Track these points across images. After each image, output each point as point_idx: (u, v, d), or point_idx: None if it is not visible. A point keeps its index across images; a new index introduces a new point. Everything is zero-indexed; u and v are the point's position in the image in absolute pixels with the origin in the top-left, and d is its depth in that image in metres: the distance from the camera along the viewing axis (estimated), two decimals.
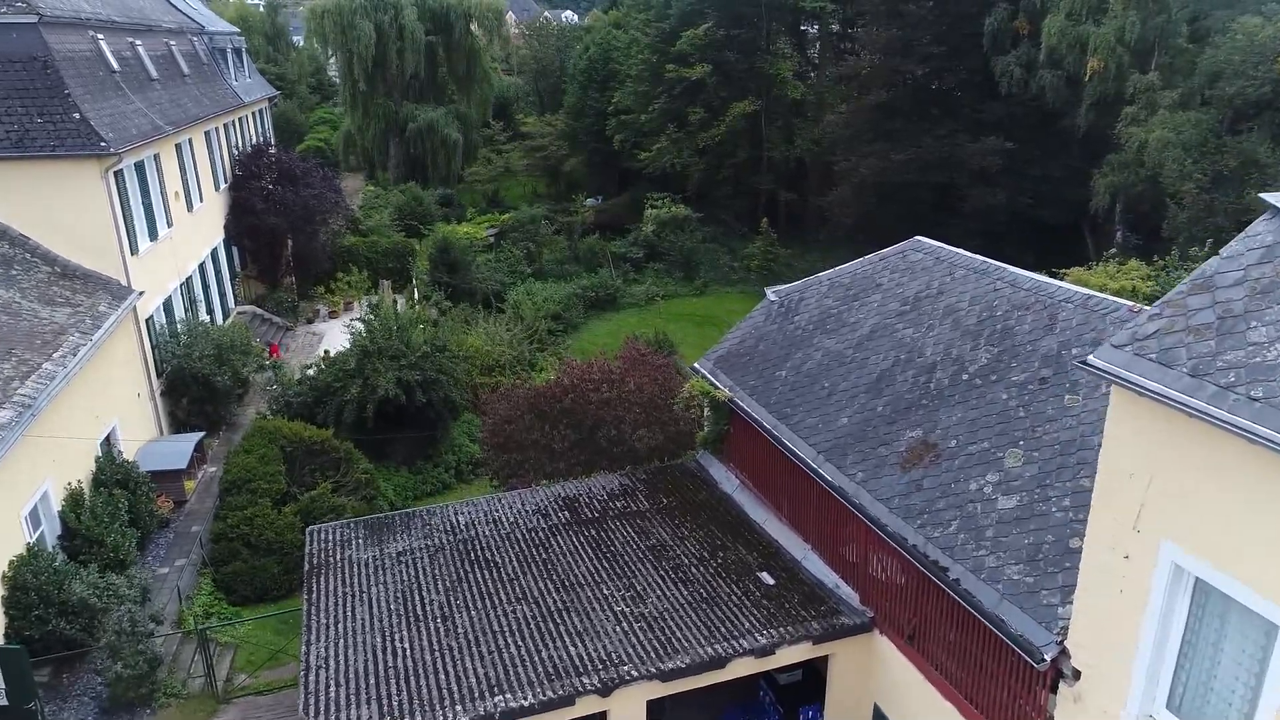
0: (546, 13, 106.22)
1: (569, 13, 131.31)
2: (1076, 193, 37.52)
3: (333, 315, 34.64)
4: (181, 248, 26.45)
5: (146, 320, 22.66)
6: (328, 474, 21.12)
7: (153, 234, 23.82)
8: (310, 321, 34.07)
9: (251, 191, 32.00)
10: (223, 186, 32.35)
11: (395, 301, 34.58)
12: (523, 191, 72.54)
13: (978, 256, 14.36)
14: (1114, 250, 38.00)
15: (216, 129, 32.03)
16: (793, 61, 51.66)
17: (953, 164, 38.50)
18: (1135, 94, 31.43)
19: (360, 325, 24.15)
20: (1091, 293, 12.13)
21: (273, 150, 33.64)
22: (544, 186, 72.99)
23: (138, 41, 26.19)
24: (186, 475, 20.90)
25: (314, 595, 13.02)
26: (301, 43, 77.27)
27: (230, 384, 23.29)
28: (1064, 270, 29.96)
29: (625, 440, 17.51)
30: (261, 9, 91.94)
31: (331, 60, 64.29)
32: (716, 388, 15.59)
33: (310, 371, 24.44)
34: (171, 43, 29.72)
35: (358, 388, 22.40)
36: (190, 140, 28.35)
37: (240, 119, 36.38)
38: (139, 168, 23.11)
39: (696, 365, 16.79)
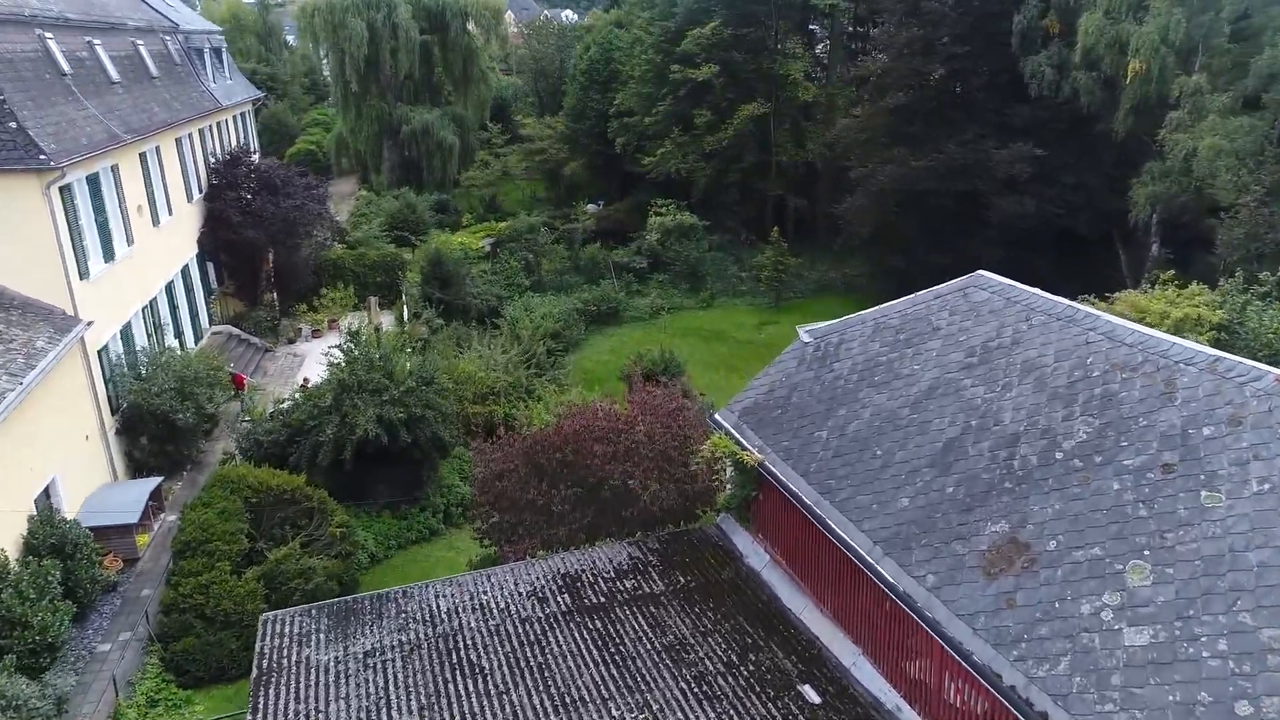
0: (546, 12, 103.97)
1: (568, 12, 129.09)
2: (1110, 202, 35.21)
3: (316, 334, 32.32)
4: (145, 267, 24.14)
5: (99, 351, 20.35)
6: (299, 526, 18.82)
7: (108, 254, 21.50)
8: (292, 341, 31.76)
9: (227, 203, 29.71)
10: (196, 197, 30.05)
11: (380, 325, 32.32)
12: (522, 196, 70.21)
13: (1060, 300, 12.01)
14: (1150, 264, 35.81)
15: (190, 135, 29.75)
16: (804, 62, 49.25)
17: (977, 171, 36.15)
18: (1182, 98, 29.08)
19: (339, 354, 21.82)
20: (1219, 354, 9.80)
21: (252, 157, 31.29)
22: (543, 191, 70.66)
23: (97, 41, 23.87)
24: (140, 528, 18.60)
25: (260, 717, 10.70)
26: (295, 42, 74.52)
27: (193, 421, 20.96)
28: (1112, 295, 27.75)
29: (635, 500, 15.19)
30: (254, 7, 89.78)
31: (324, 60, 61.70)
32: (743, 449, 13.27)
33: (285, 405, 22.11)
34: (139, 42, 27.40)
35: (334, 427, 20.08)
36: (158, 148, 26.05)
37: (219, 123, 34.10)
38: (92, 181, 20.80)
39: (719, 417, 14.48)
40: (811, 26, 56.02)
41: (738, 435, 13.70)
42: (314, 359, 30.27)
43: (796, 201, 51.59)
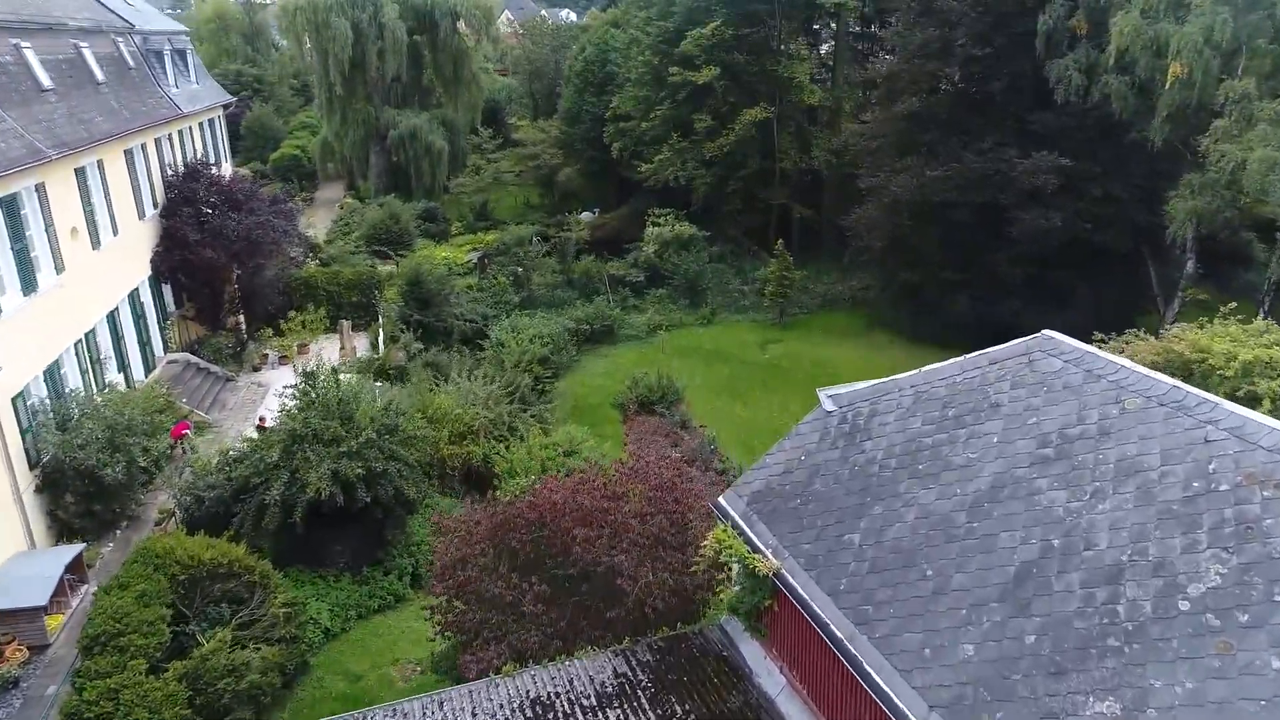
0: (544, 11, 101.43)
1: (567, 12, 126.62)
2: (1141, 216, 32.73)
3: (284, 361, 29.78)
4: (80, 296, 21.61)
5: (14, 399, 17.81)
6: (240, 601, 16.31)
7: (28, 286, 18.98)
8: (257, 369, 29.24)
9: (184, 219, 27.18)
10: (151, 214, 27.52)
11: (354, 349, 29.81)
12: (514, 203, 67.64)
13: (1161, 378, 9.43)
14: (1184, 282, 33.29)
15: (143, 146, 27.23)
16: (809, 64, 46.71)
17: (998, 182, 33.65)
18: (1227, 104, 26.56)
19: (292, 396, 19.30)
20: None
21: (213, 169, 28.75)
22: (537, 197, 68.13)
23: (25, 44, 21.31)
24: (52, 608, 16.06)
25: None
26: (285, 43, 71.80)
27: (124, 476, 18.40)
28: (1169, 326, 25.16)
29: (622, 597, 12.66)
30: (240, 6, 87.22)
31: (309, 61, 59.21)
32: (754, 550, 10.73)
33: (234, 454, 19.58)
34: (83, 44, 24.85)
35: (281, 486, 17.55)
36: (99, 162, 23.53)
37: (181, 131, 31.57)
38: (7, 204, 18.27)
39: (724, 503, 11.93)
40: (815, 27, 53.46)
41: (747, 528, 11.16)
42: (280, 388, 27.72)
43: (802, 210, 49.08)
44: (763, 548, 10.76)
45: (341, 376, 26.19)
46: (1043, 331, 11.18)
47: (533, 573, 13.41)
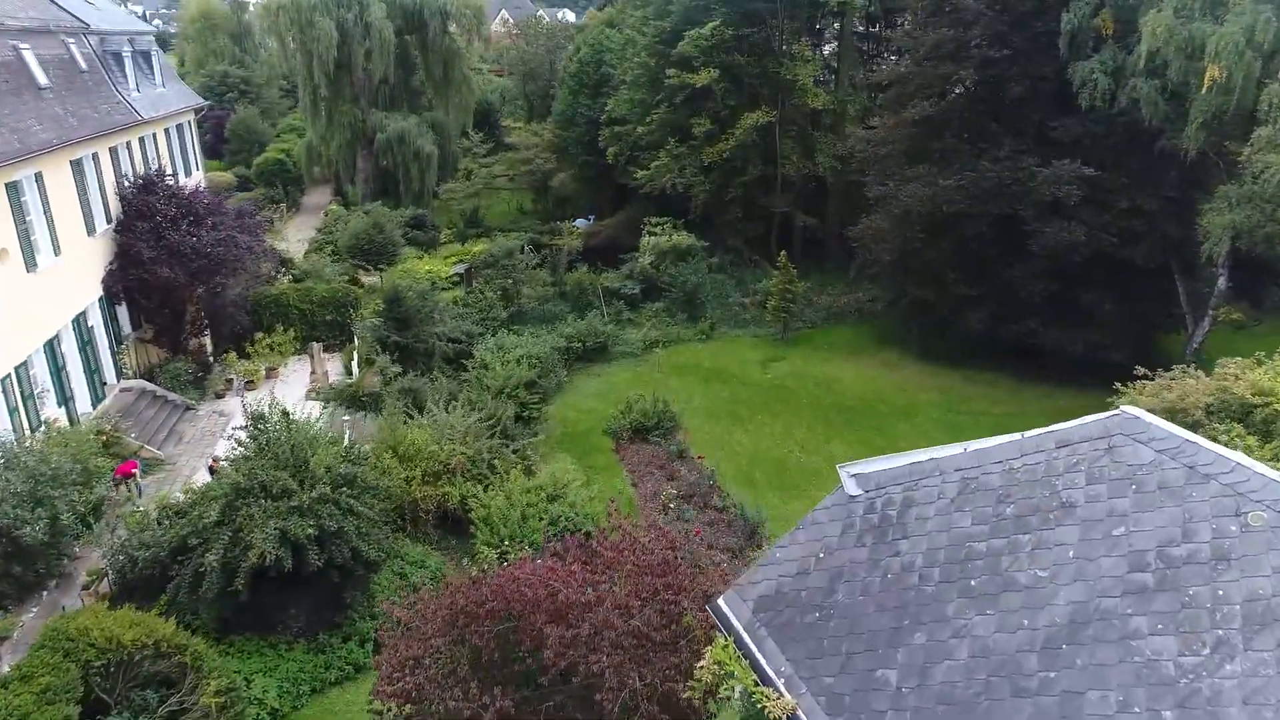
0: (541, 11, 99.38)
1: (566, 11, 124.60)
2: (1172, 229, 30.63)
3: (250, 387, 27.69)
4: (8, 327, 19.46)
5: None
6: (169, 684, 14.19)
7: None
8: (220, 396, 27.13)
9: (138, 235, 25.05)
10: (103, 229, 25.40)
11: (325, 373, 27.68)
12: (506, 209, 65.54)
13: None
14: (1215, 299, 31.17)
15: (94, 155, 25.10)
16: (814, 66, 44.58)
17: (1017, 192, 31.56)
18: (1270, 110, 24.45)
19: (237, 443, 17.18)
20: None
21: (169, 179, 26.61)
22: (530, 203, 66.03)
23: None
24: None
25: None
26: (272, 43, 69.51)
27: (47, 535, 16.28)
28: (1198, 345, 23.11)
29: (602, 712, 10.53)
30: (228, 5, 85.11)
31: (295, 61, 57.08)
32: (764, 684, 8.58)
33: (174, 505, 17.46)
34: (22, 46, 22.71)
35: (221, 548, 15.42)
36: (38, 175, 21.40)
37: (144, 138, 29.44)
38: None
39: (725, 608, 9.74)
40: (818, 27, 51.35)
41: (754, 647, 8.99)
42: (232, 427, 25.61)
43: (805, 219, 47.01)
44: (773, 676, 8.58)
45: (309, 408, 24.28)
46: (1122, 409, 8.99)
47: (498, 673, 11.29)
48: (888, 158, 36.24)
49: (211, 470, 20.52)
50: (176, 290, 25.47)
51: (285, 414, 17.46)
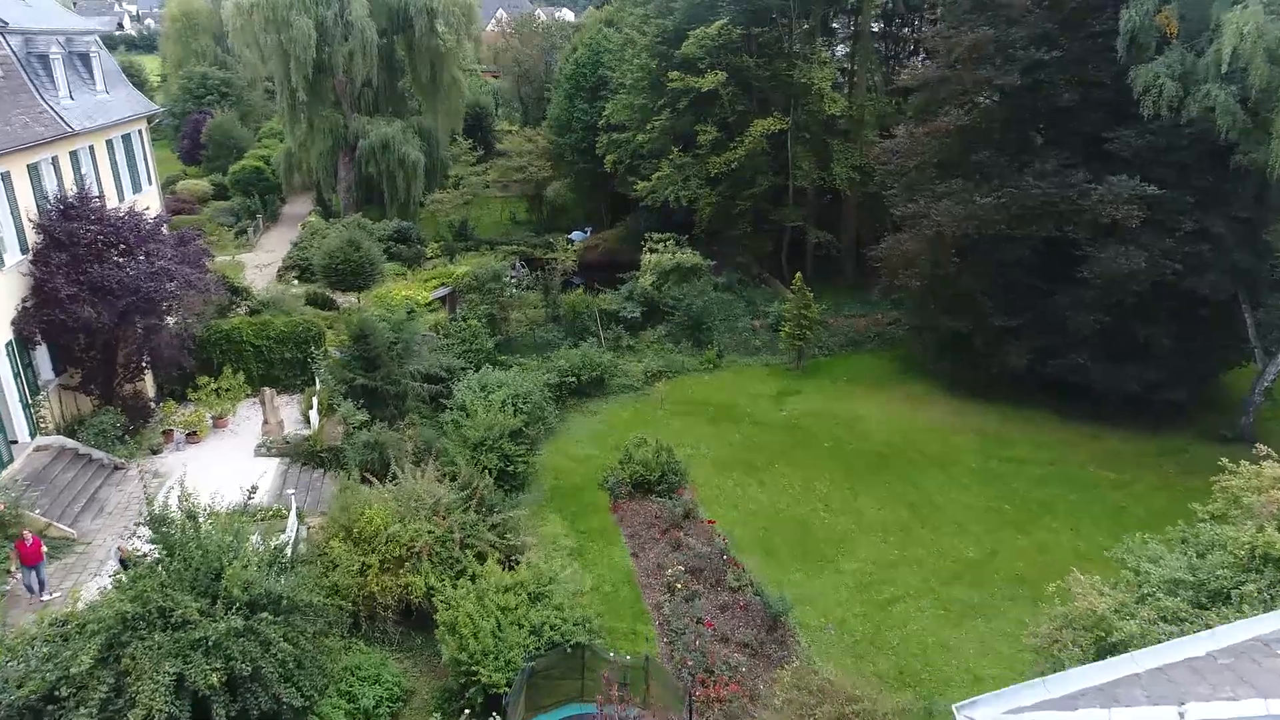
0: (539, 10, 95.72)
1: (565, 11, 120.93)
2: (1244, 256, 27.07)
3: (193, 439, 24.10)
4: None
5: None
6: None
7: None
8: (157, 451, 23.51)
9: (55, 269, 21.41)
10: (14, 261, 21.78)
11: (279, 423, 24.06)
12: (498, 219, 61.90)
13: None
14: None
15: (5, 175, 21.48)
16: (830, 68, 41.00)
17: (1066, 212, 27.96)
18: None
19: (123, 563, 13.58)
20: None
21: (95, 201, 22.96)
22: (524, 212, 62.43)
23: None
24: None
25: None
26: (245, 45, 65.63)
27: None
28: (1271, 383, 19.36)
29: None
30: (209, 5, 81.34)
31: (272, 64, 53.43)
32: None
33: (49, 626, 13.82)
34: None
35: (97, 703, 11.82)
36: None
37: (76, 153, 25.80)
38: None
39: None
40: (834, 25, 47.73)
41: None
42: (185, 479, 21.97)
43: (819, 234, 43.41)
44: None
45: (258, 470, 20.64)
46: None
47: None
48: (916, 171, 32.62)
49: (123, 561, 16.89)
50: (100, 331, 21.85)
51: (192, 516, 13.81)
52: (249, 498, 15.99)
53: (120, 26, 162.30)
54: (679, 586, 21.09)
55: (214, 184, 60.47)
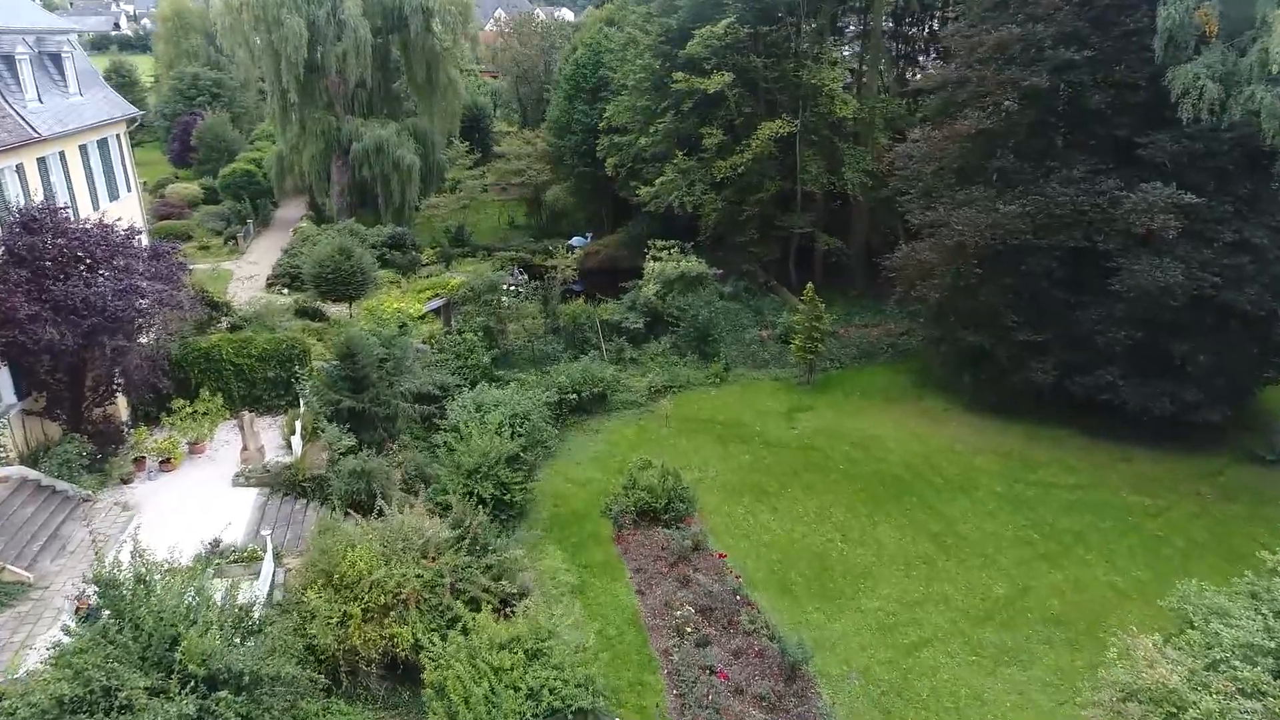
0: (538, 9, 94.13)
1: (564, 10, 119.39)
2: None
3: (167, 467, 22.50)
4: None
5: None
6: None
7: None
8: (128, 481, 21.91)
9: (14, 287, 19.81)
10: None
11: (259, 450, 22.48)
12: (496, 223, 60.31)
13: None
14: None
15: None
16: (841, 69, 39.42)
17: (1095, 221, 26.41)
18: None
19: (66, 630, 11.99)
20: None
21: (60, 213, 21.33)
22: (522, 216, 60.86)
23: None
24: None
25: None
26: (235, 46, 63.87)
27: None
28: None
29: None
30: (201, 3, 79.70)
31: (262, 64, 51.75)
32: None
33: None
34: None
35: None
36: None
37: (44, 159, 24.23)
38: None
39: None
40: (844, 25, 46.14)
41: None
42: (158, 512, 20.44)
43: (828, 241, 41.81)
44: None
45: (236, 501, 19.08)
46: None
47: None
48: (933, 176, 31.03)
49: (79, 612, 15.31)
50: (67, 353, 20.26)
51: (141, 581, 12.21)
52: (212, 551, 14.36)
53: (117, 26, 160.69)
54: (689, 630, 19.55)
55: (204, 188, 58.86)
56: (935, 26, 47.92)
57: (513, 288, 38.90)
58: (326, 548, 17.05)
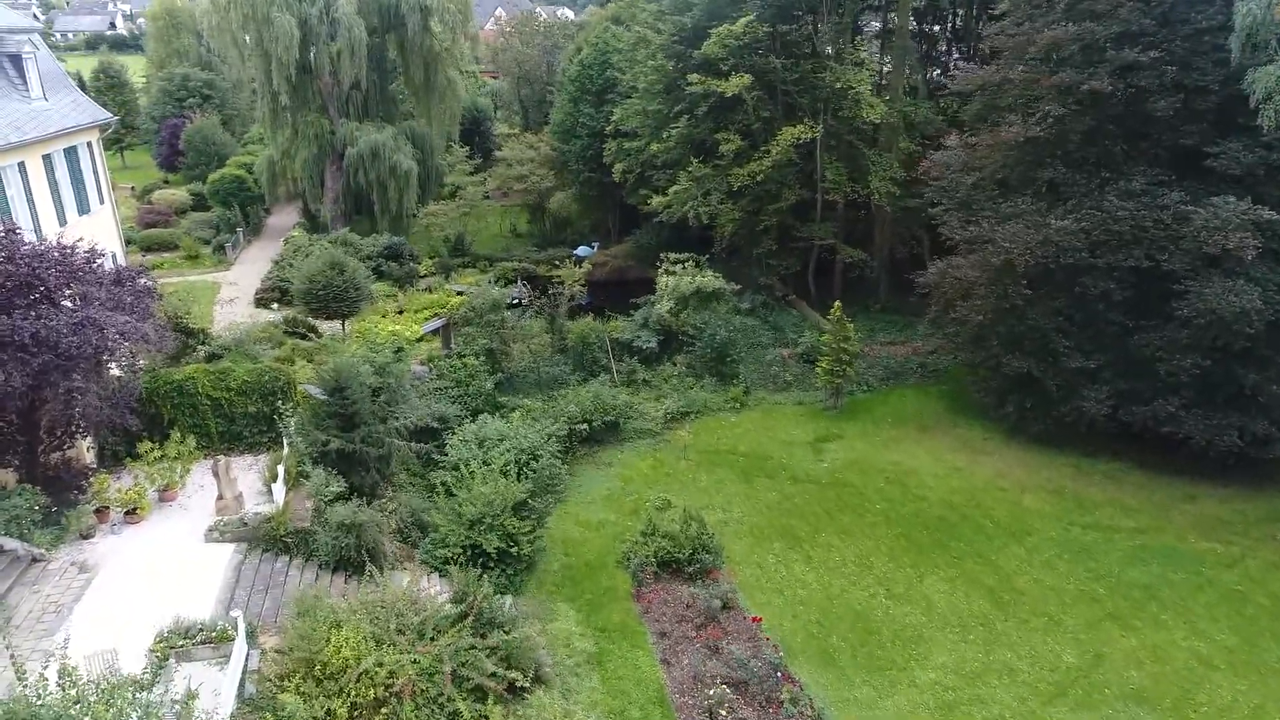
0: (539, 8, 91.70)
1: (565, 10, 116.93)
2: None
3: (132, 518, 20.05)
4: None
5: None
6: None
7: None
8: (87, 536, 19.45)
9: None
10: None
11: (236, 498, 20.07)
12: (498, 231, 57.73)
13: None
14: None
15: None
16: (868, 69, 37.02)
17: (1159, 238, 23.99)
18: None
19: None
20: None
21: (16, 233, 18.90)
22: (525, 224, 58.40)
23: None
24: None
25: None
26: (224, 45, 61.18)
27: None
28: None
29: None
30: (190, 2, 77.15)
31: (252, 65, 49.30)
32: None
33: None
34: None
35: None
36: None
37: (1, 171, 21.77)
38: None
39: None
40: (869, 23, 43.73)
41: None
42: (120, 574, 18.02)
43: (850, 252, 39.35)
44: None
45: (210, 557, 16.57)
46: None
47: None
48: (972, 188, 28.61)
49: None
50: (14, 395, 17.83)
51: (67, 672, 9.78)
52: (172, 640, 11.95)
53: (113, 26, 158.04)
54: (724, 713, 17.15)
55: (193, 194, 56.40)
56: (958, 24, 45.57)
57: (517, 299, 36.57)
58: (307, 633, 14.63)
